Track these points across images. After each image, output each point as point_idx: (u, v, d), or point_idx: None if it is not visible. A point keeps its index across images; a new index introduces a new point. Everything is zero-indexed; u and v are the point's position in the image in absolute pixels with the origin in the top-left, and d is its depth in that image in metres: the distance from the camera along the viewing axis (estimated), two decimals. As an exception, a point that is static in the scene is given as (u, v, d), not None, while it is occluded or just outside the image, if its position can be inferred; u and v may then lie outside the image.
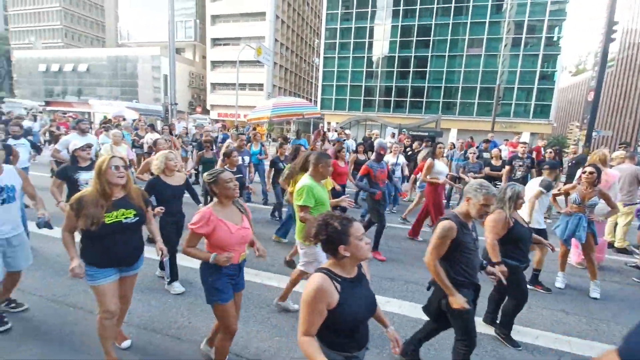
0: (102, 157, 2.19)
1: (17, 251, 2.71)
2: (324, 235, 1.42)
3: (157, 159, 3.39)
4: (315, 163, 2.93)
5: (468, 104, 37.16)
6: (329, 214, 1.48)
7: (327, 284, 1.39)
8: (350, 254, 1.40)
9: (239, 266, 2.25)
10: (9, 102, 25.95)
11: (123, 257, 2.24)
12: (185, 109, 41.54)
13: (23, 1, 56.84)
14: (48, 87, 48.41)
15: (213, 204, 2.20)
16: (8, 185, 2.60)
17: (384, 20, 38.54)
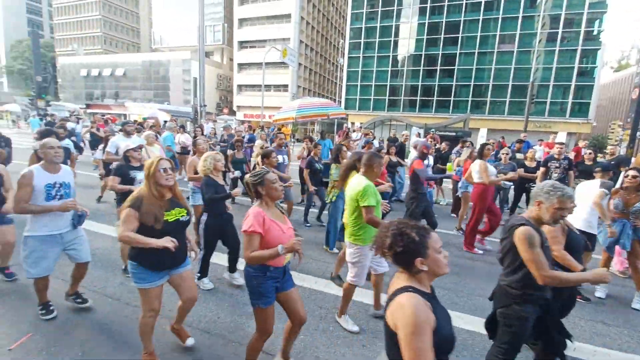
0: (150, 160, 2.26)
1: (77, 244, 2.90)
2: (400, 247, 1.26)
3: (205, 159, 3.45)
4: (369, 163, 2.90)
5: (499, 103, 35.70)
6: (403, 223, 1.32)
7: (423, 303, 1.20)
8: (427, 269, 1.26)
9: (284, 269, 2.19)
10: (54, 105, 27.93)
11: (177, 255, 2.26)
12: (213, 110, 42.86)
13: (67, 11, 60.92)
14: (88, 91, 51.62)
15: (259, 205, 2.14)
16: (65, 183, 2.81)
17: (410, 18, 37.84)
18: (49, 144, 2.73)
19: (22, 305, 3.11)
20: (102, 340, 2.69)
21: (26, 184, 2.62)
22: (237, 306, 3.27)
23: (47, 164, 2.75)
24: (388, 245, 1.29)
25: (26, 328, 2.75)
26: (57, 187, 2.74)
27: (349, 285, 2.94)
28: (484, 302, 3.61)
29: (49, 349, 2.54)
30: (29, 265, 2.71)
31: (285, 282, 2.25)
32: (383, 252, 1.33)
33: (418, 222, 1.38)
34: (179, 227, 2.29)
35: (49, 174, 2.73)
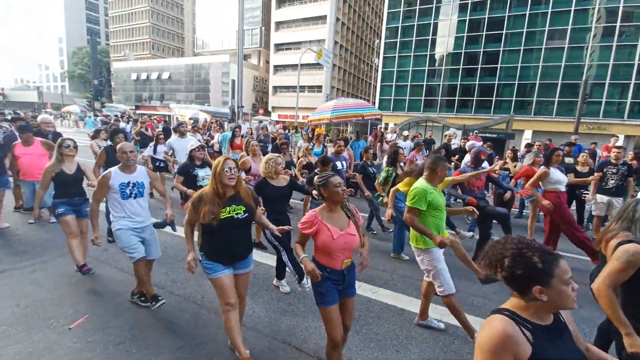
0: (218, 159, 2.37)
1: (150, 241, 3.11)
2: (519, 270, 1.12)
3: (266, 162, 3.46)
4: (433, 167, 2.80)
5: (546, 103, 33.29)
6: (525, 243, 1.16)
7: (514, 331, 1.10)
8: (548, 299, 1.10)
9: (343, 272, 2.19)
10: (108, 106, 30.39)
11: (235, 251, 2.39)
12: (249, 111, 44.23)
13: (121, 19, 65.90)
14: (138, 93, 55.43)
15: (321, 207, 2.23)
16: (139, 182, 3.06)
17: (449, 15, 36.48)
18: (123, 149, 2.99)
19: (80, 289, 3.43)
20: (149, 325, 2.89)
21: (103, 184, 2.91)
22: (272, 302, 3.36)
23: (124, 165, 3.01)
24: (506, 265, 1.14)
25: (84, 310, 3.03)
26: (130, 187, 2.99)
27: (444, 297, 2.74)
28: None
29: (103, 329, 2.78)
30: (130, 252, 2.92)
31: (349, 288, 2.26)
32: (495, 271, 1.19)
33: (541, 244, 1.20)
34: (234, 224, 2.33)
35: (124, 175, 2.99)
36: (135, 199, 3.02)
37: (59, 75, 74.05)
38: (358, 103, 10.11)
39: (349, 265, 2.22)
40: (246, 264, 2.51)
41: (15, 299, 3.15)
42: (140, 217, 3.04)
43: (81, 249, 3.64)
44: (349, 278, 2.24)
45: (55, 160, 3.58)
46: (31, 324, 2.80)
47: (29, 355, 2.45)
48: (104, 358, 2.46)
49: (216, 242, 2.33)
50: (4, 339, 2.60)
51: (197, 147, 4.00)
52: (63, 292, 3.34)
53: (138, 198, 3.04)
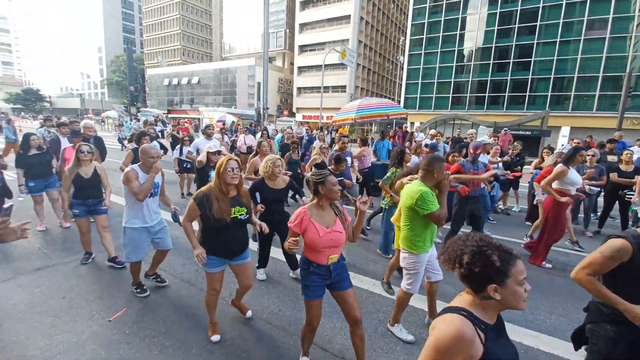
0: (221, 160, 2.51)
1: (162, 233, 3.40)
2: (477, 268, 1.11)
3: (264, 163, 3.56)
4: (428, 168, 2.71)
5: (585, 97, 31.12)
6: (485, 241, 1.16)
7: (470, 332, 1.08)
8: (500, 299, 1.10)
9: (328, 267, 2.26)
10: (143, 111, 32.04)
11: (234, 248, 2.62)
12: (274, 113, 44.94)
13: (153, 28, 69.23)
14: (169, 98, 58.00)
15: (310, 205, 2.30)
16: (156, 182, 3.27)
17: (478, 8, 35.10)
18: (150, 153, 3.17)
19: (118, 283, 3.65)
20: (181, 318, 3.03)
21: (134, 177, 3.13)
22: (297, 301, 3.41)
23: (145, 167, 3.21)
24: (465, 262, 1.14)
25: (122, 303, 3.23)
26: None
27: (404, 292, 2.85)
28: (564, 322, 3.23)
29: (139, 322, 2.95)
30: (129, 252, 3.26)
31: (341, 282, 2.30)
32: (453, 267, 1.19)
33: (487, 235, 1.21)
34: (237, 224, 2.54)
35: (144, 174, 3.21)
36: (151, 198, 3.25)
37: (98, 82, 79.02)
38: (383, 102, 9.98)
39: (335, 261, 2.27)
40: (243, 256, 2.73)
41: (61, 291, 3.42)
42: (153, 215, 3.31)
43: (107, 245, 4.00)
44: (337, 273, 2.29)
45: (72, 164, 3.84)
46: (76, 315, 3.02)
47: (74, 344, 2.65)
48: (140, 349, 2.61)
49: (216, 240, 2.54)
50: (53, 329, 2.82)
51: (214, 151, 4.13)
52: (103, 286, 3.58)
53: (153, 197, 3.29)
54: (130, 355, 2.55)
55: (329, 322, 3.05)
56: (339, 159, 4.49)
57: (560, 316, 3.33)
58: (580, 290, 1.91)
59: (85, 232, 3.99)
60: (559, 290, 3.89)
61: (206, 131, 6.82)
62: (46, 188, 5.14)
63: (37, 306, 3.14)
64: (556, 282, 4.11)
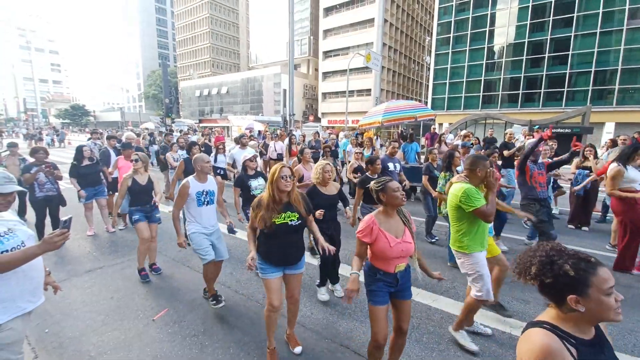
0: (275, 167, 2.50)
1: (218, 243, 3.36)
2: (549, 278, 1.06)
3: (315, 169, 3.57)
4: (472, 167, 2.71)
5: (632, 90, 28.71)
6: (556, 250, 1.10)
7: (557, 347, 1.02)
8: (585, 310, 1.03)
9: (395, 275, 2.20)
10: (177, 121, 33.73)
11: (287, 255, 2.53)
12: (299, 118, 45.54)
13: (185, 43, 72.87)
14: (201, 108, 60.61)
15: (377, 212, 2.26)
16: (210, 190, 3.37)
17: (509, 3, 33.67)
18: (203, 159, 3.32)
19: (161, 284, 3.86)
20: (219, 320, 3.16)
21: (184, 193, 3.20)
22: (330, 305, 3.44)
23: (200, 174, 3.32)
24: (533, 273, 1.09)
25: (164, 304, 3.41)
26: (204, 194, 3.30)
27: (473, 300, 2.70)
28: (614, 331, 3.01)
29: (180, 322, 3.11)
30: (203, 254, 3.19)
31: (403, 291, 2.26)
32: (526, 279, 1.13)
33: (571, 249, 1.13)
34: (288, 230, 2.47)
35: (199, 184, 3.30)
36: (208, 206, 3.32)
37: (136, 96, 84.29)
38: (410, 104, 9.84)
39: (402, 270, 2.22)
40: (297, 266, 2.62)
41: (110, 292, 3.68)
42: (211, 222, 3.34)
43: (146, 254, 4.12)
44: (403, 281, 2.24)
45: (130, 172, 4.12)
46: (123, 314, 3.24)
47: (122, 341, 2.84)
48: (181, 348, 2.75)
49: (270, 246, 2.50)
50: (103, 326, 3.04)
51: (250, 157, 4.22)
52: (148, 287, 3.80)
53: (210, 205, 3.34)
54: (173, 353, 2.69)
55: (362, 327, 3.04)
56: (372, 160, 4.41)
57: (609, 324, 3.09)
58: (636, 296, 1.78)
59: (144, 238, 3.95)
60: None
61: (241, 141, 6.96)
62: (95, 196, 5.58)
63: (89, 305, 3.40)
64: None
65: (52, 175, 4.87)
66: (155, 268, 4.17)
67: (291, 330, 2.79)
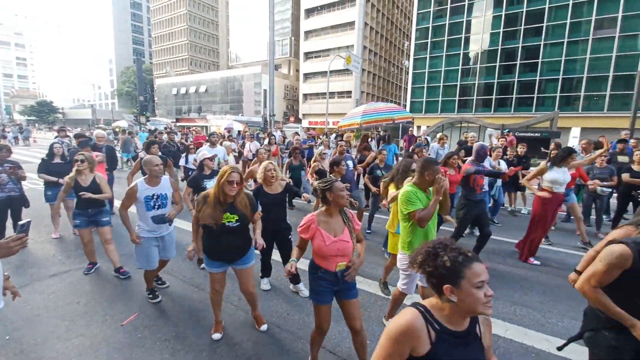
0: (224, 169, 2.56)
1: (168, 245, 3.42)
2: (430, 267, 1.16)
3: (260, 169, 3.60)
4: (422, 170, 2.72)
5: (596, 97, 30.64)
6: (444, 243, 1.20)
7: (420, 325, 1.13)
8: (457, 300, 1.11)
9: (336, 275, 2.24)
10: (152, 120, 32.64)
11: (225, 254, 2.68)
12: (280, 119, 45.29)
13: (162, 39, 70.76)
14: (178, 107, 58.99)
15: (319, 211, 2.30)
16: (162, 194, 3.27)
17: (483, 11, 35.05)
18: (153, 162, 3.19)
19: (130, 288, 3.72)
20: (191, 323, 3.07)
21: (131, 195, 3.17)
22: (305, 305, 3.43)
23: (150, 177, 3.23)
24: (419, 262, 1.21)
25: (134, 308, 3.29)
26: (155, 199, 3.22)
27: (399, 292, 2.92)
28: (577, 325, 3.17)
29: (150, 326, 3.00)
30: (141, 260, 3.29)
31: (347, 291, 2.29)
32: (413, 267, 1.24)
33: (459, 243, 1.24)
34: (225, 231, 2.59)
35: (149, 187, 3.21)
36: (158, 210, 3.24)
37: (109, 93, 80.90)
38: (388, 107, 9.99)
39: (343, 269, 2.24)
40: (243, 261, 2.75)
41: (76, 296, 3.50)
42: (162, 227, 3.29)
43: (93, 256, 4.06)
44: (344, 281, 2.25)
45: (72, 173, 3.89)
46: (89, 319, 3.10)
47: (89, 347, 2.71)
48: (152, 353, 2.66)
49: (211, 243, 2.64)
50: (68, 332, 2.89)
51: (210, 156, 4.14)
52: (115, 291, 3.65)
53: (161, 209, 3.26)
54: (142, 358, 2.60)
55: (338, 326, 3.05)
56: (336, 162, 4.49)
57: (572, 319, 3.27)
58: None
59: (87, 242, 3.98)
60: (572, 293, 3.82)
61: (211, 139, 6.85)
62: None
63: (53, 311, 3.23)
64: (569, 285, 4.03)
65: (15, 175, 4.59)
66: (123, 272, 3.95)
67: (255, 312, 2.97)
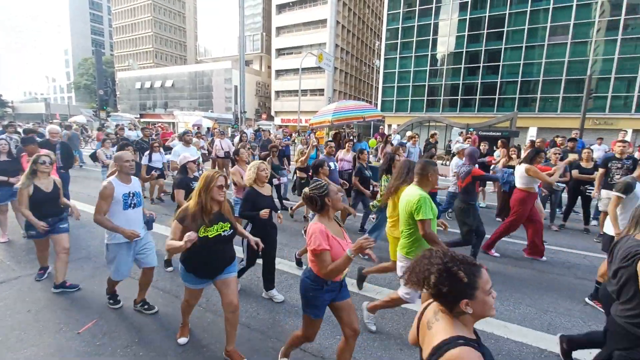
0: (208, 174, 2.33)
1: (146, 249, 3.10)
2: (445, 287, 1.09)
3: (249, 170, 3.39)
4: (423, 172, 2.71)
5: (550, 99, 32.96)
6: (450, 257, 1.13)
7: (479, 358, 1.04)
8: (472, 311, 1.08)
9: (341, 283, 2.20)
10: (114, 115, 30.80)
11: (219, 266, 2.44)
12: (252, 116, 44.51)
13: (124, 30, 66.94)
14: (142, 102, 56.13)
15: (319, 218, 2.13)
16: (136, 192, 3.06)
17: (450, 14, 36.44)
18: (122, 157, 2.97)
19: (87, 295, 3.49)
20: (156, 328, 2.94)
21: (108, 195, 2.84)
22: (275, 304, 3.40)
23: (122, 175, 2.99)
24: (432, 283, 1.11)
25: (92, 315, 3.10)
26: (131, 197, 2.99)
27: (399, 298, 2.77)
28: (532, 311, 3.40)
29: (110, 333, 2.84)
30: (113, 270, 3.02)
31: (343, 292, 2.24)
32: (422, 288, 1.14)
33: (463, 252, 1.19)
34: (220, 241, 2.37)
35: (124, 185, 2.98)
36: (135, 209, 3.02)
37: (65, 86, 75.35)
38: (359, 105, 10.13)
39: (346, 275, 2.21)
40: (229, 269, 2.50)
41: (27, 304, 3.24)
42: (138, 228, 3.01)
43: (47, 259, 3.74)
44: (344, 284, 2.25)
45: (25, 177, 3.32)
46: (42, 328, 2.88)
47: (42, 358, 2.52)
48: (112, 361, 2.51)
49: (197, 259, 2.35)
50: (18, 343, 2.67)
51: (193, 159, 3.99)
52: (73, 297, 3.41)
53: (137, 208, 3.05)
54: (102, 367, 2.45)
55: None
56: (321, 163, 4.40)
57: (528, 306, 3.50)
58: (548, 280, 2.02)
59: (43, 249, 3.66)
60: (527, 282, 4.09)
61: (185, 138, 6.65)
62: (12, 197, 4.84)
63: (2, 320, 2.97)
64: (525, 273, 4.32)
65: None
66: (69, 285, 3.50)
67: (231, 347, 2.50)
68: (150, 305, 3.19)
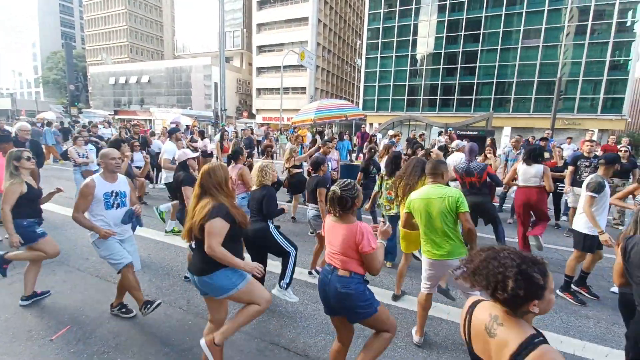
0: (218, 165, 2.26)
1: (131, 253, 2.97)
2: (523, 290, 1.03)
3: (267, 169, 3.35)
4: (438, 171, 2.72)
5: (524, 100, 34.41)
6: (522, 258, 1.08)
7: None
8: (538, 311, 1.06)
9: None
10: (86, 112, 29.46)
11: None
12: (233, 114, 43.79)
13: (96, 23, 64.14)
14: (116, 98, 54.05)
15: (343, 218, 2.08)
16: (121, 191, 2.93)
17: (429, 16, 37.22)
18: (110, 154, 2.85)
19: (61, 299, 3.34)
20: (135, 332, 2.85)
21: (88, 193, 2.73)
22: (259, 304, 3.37)
23: (107, 173, 2.86)
24: (510, 288, 1.04)
25: (65, 321, 2.96)
26: (114, 196, 2.86)
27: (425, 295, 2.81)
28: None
29: (86, 339, 2.72)
30: (117, 259, 2.81)
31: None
32: (494, 292, 1.09)
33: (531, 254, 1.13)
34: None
35: (107, 183, 2.85)
36: (118, 209, 2.91)
37: (32, 81, 71.39)
38: (341, 104, 10.18)
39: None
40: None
41: (-8, 312, 3.05)
42: (123, 227, 2.93)
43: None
44: None
45: (12, 175, 3.05)
46: (12, 335, 2.72)
47: (9, 369, 2.38)
48: (88, 368, 2.41)
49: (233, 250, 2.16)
50: (-18, 354, 2.52)
51: (193, 156, 3.89)
52: (44, 303, 3.25)
53: (121, 208, 2.93)
54: (77, 375, 2.35)
55: (292, 322, 3.06)
56: (321, 161, 4.28)
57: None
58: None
59: (56, 252, 3.23)
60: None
61: (177, 135, 6.53)
62: None
63: (-38, 331, 2.78)
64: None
65: None
66: (40, 293, 3.28)
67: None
68: (129, 308, 3.07)
